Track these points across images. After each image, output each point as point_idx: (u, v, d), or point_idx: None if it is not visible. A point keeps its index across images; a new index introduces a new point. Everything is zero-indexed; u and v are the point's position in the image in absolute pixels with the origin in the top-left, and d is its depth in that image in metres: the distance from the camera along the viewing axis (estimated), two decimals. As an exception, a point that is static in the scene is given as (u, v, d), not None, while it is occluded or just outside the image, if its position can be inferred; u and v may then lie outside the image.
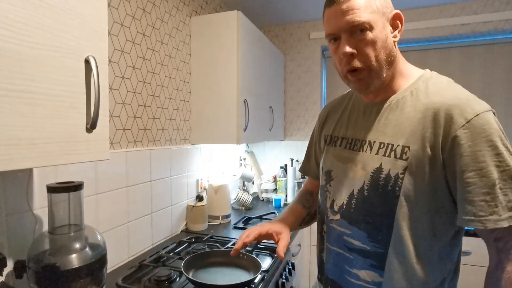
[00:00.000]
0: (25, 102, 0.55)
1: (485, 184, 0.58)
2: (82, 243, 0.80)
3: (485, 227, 0.58)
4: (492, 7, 2.07)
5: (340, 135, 0.82)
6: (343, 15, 0.65)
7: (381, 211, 0.68)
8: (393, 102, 0.71)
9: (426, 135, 0.64)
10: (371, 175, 0.70)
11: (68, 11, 0.64)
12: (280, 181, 2.40)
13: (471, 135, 0.59)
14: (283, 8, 2.27)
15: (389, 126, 0.70)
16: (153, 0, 1.41)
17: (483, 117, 0.60)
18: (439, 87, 0.68)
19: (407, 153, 0.65)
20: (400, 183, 0.65)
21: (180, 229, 1.65)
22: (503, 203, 0.57)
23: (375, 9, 0.65)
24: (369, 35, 0.65)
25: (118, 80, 1.22)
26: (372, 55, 0.66)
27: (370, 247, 0.70)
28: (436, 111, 0.64)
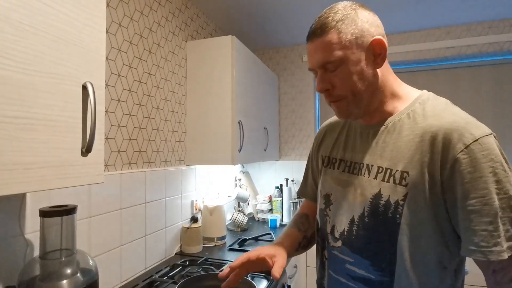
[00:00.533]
0: (21, 128, 0.56)
1: (487, 213, 0.55)
2: (74, 268, 0.79)
3: (488, 259, 0.54)
4: (475, 31, 2.17)
5: (338, 157, 0.79)
6: (316, 52, 0.66)
7: (383, 238, 0.65)
8: (390, 125, 0.69)
9: (424, 160, 0.61)
10: (370, 201, 0.67)
11: (66, 40, 0.66)
12: (275, 201, 2.39)
13: (471, 161, 0.56)
14: (276, 32, 2.35)
15: (387, 150, 0.67)
16: (150, 26, 1.47)
17: (482, 142, 0.57)
18: (437, 109, 0.65)
19: (407, 179, 0.62)
20: (401, 210, 0.62)
21: (174, 252, 1.62)
22: (502, 233, 0.54)
23: (347, 44, 0.64)
24: (342, 71, 0.65)
25: (114, 103, 1.24)
26: (348, 89, 0.66)
27: (375, 276, 0.66)
28: (434, 135, 0.61)
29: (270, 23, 2.18)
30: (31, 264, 0.77)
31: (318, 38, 0.65)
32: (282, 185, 2.46)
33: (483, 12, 2.03)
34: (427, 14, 2.04)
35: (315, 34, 0.66)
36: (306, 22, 2.16)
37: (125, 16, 1.30)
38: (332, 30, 0.64)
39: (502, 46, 2.12)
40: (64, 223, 0.78)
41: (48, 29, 0.62)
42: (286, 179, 2.45)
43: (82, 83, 0.69)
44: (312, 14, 2.03)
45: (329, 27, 0.64)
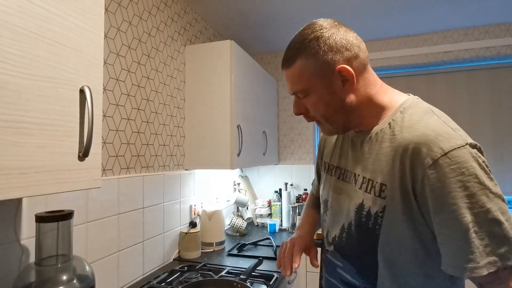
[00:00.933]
0: (17, 132, 0.56)
1: (457, 229, 0.53)
2: (70, 274, 0.78)
3: (462, 276, 0.54)
4: (472, 36, 2.19)
5: (335, 164, 0.81)
6: (287, 81, 0.71)
7: (365, 248, 0.66)
8: (373, 135, 0.69)
9: (396, 174, 0.61)
10: (355, 210, 0.68)
11: (64, 43, 0.66)
12: (275, 206, 2.38)
13: (438, 176, 0.55)
14: (274, 37, 2.36)
15: (369, 160, 0.68)
16: (148, 30, 1.47)
17: (452, 156, 0.54)
18: (413, 120, 0.63)
19: (385, 191, 0.62)
20: (380, 222, 0.63)
21: (173, 257, 1.61)
22: (480, 249, 0.52)
23: (311, 75, 0.66)
24: (310, 99, 0.69)
25: (112, 108, 1.24)
26: (318, 114, 0.70)
27: (360, 283, 0.68)
28: (405, 149, 0.60)
29: (269, 28, 2.19)
30: (27, 270, 0.76)
31: (287, 69, 0.70)
32: (281, 190, 2.45)
33: (481, 17, 2.05)
34: (425, 18, 2.06)
35: (284, 66, 0.71)
36: (304, 27, 2.17)
37: (123, 21, 1.30)
38: (298, 62, 0.67)
39: (499, 50, 2.13)
40: (60, 229, 0.77)
41: (45, 32, 0.62)
42: (285, 183, 2.44)
43: (80, 87, 0.69)
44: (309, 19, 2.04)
45: (296, 59, 0.67)
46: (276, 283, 1.30)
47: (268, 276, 1.33)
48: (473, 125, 2.25)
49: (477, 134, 2.23)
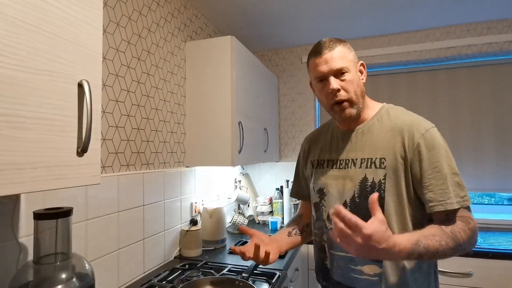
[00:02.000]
0: (13, 126, 0.54)
1: (440, 177, 0.80)
2: (69, 273, 0.76)
3: (445, 208, 0.78)
4: (475, 31, 2.17)
5: (326, 158, 1.00)
6: (329, 62, 0.87)
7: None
8: (364, 128, 0.93)
9: (396, 147, 0.86)
10: (359, 184, 0.88)
11: (62, 36, 0.64)
12: (276, 203, 2.37)
13: (426, 143, 0.83)
14: (275, 34, 2.34)
15: (365, 146, 0.91)
16: (148, 26, 1.45)
17: (431, 131, 0.84)
18: (398, 114, 0.92)
19: (384, 163, 0.86)
20: (384, 187, 0.85)
21: (174, 255, 1.59)
22: (452, 192, 0.79)
23: (350, 59, 0.89)
24: (348, 76, 0.88)
25: (112, 104, 1.22)
26: (352, 90, 0.88)
27: None
28: (401, 129, 0.87)
29: (269, 25, 2.16)
30: (24, 269, 0.74)
31: (331, 51, 0.88)
32: (283, 187, 2.43)
33: (483, 13, 2.02)
34: (428, 14, 2.04)
35: (327, 49, 0.88)
36: (305, 24, 2.14)
37: (123, 16, 1.28)
38: (341, 46, 0.89)
39: (502, 46, 2.11)
40: (59, 226, 0.76)
41: (43, 25, 0.60)
42: (286, 180, 2.43)
43: (78, 81, 0.67)
44: (310, 16, 2.02)
45: (338, 45, 0.89)
46: (278, 281, 1.29)
47: (270, 275, 1.32)
48: (475, 121, 2.23)
49: (479, 129, 2.21)
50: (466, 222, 0.78)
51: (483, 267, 1.62)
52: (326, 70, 0.87)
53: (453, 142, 2.27)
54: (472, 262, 1.63)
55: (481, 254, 1.63)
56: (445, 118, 2.30)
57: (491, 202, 2.44)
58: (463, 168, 2.24)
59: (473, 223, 0.79)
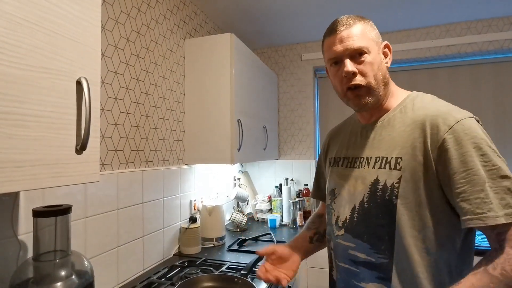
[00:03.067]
0: (12, 124, 0.54)
1: (477, 183, 0.61)
2: (68, 270, 0.76)
3: (485, 224, 0.59)
4: (475, 29, 2.16)
5: (342, 156, 0.87)
6: (345, 41, 0.74)
7: (381, 221, 0.71)
8: (385, 121, 0.78)
9: (416, 144, 0.69)
10: (369, 187, 0.74)
11: (61, 33, 0.64)
12: (275, 201, 2.37)
13: (455, 139, 0.64)
14: (274, 32, 2.33)
15: (383, 142, 0.76)
16: (147, 23, 1.44)
17: (464, 123, 0.65)
18: (424, 103, 0.75)
19: (400, 163, 0.70)
20: (396, 192, 0.69)
21: (173, 253, 1.60)
22: (496, 201, 0.59)
23: (371, 38, 0.75)
24: (367, 58, 0.74)
25: (111, 101, 1.22)
26: (371, 74, 0.74)
27: (375, 258, 0.72)
28: (423, 122, 0.70)
29: (269, 22, 2.16)
30: (24, 266, 0.75)
31: (351, 27, 0.74)
32: (282, 185, 2.44)
33: (483, 10, 2.02)
34: (428, 12, 2.03)
35: (344, 26, 0.75)
36: (304, 21, 2.14)
37: (121, 13, 1.28)
38: (361, 23, 0.76)
39: (502, 44, 2.11)
40: (58, 224, 0.76)
41: (42, 22, 0.60)
42: (285, 178, 2.43)
43: (77, 79, 0.67)
44: (311, 13, 2.01)
45: (358, 22, 0.76)
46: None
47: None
48: (475, 120, 2.23)
49: (479, 129, 2.22)
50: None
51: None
52: (341, 50, 0.74)
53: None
54: (470, 259, 1.63)
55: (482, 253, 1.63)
56: (444, 116, 2.30)
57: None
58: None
59: None
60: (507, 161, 0.64)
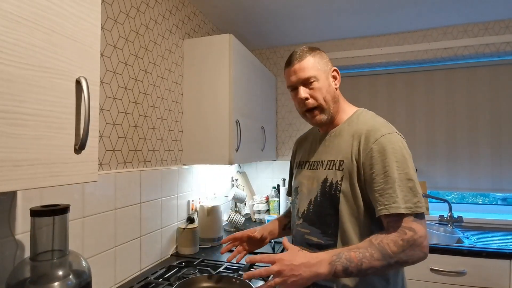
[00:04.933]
0: (11, 123, 0.54)
1: (388, 182, 0.80)
2: (66, 270, 0.76)
3: (389, 211, 0.78)
4: (472, 32, 2.18)
5: (305, 160, 1.06)
6: (297, 72, 0.94)
7: (329, 211, 0.90)
8: (336, 131, 0.98)
9: (353, 151, 0.89)
10: (321, 185, 0.94)
11: (60, 32, 0.64)
12: (272, 202, 2.37)
13: (379, 148, 0.83)
14: (273, 32, 2.34)
15: (333, 148, 0.96)
16: (146, 23, 1.44)
17: (387, 137, 0.84)
18: (366, 118, 0.94)
19: (343, 165, 0.90)
20: (340, 187, 0.89)
21: (170, 253, 1.60)
22: (400, 197, 0.78)
23: (319, 68, 0.94)
24: (316, 84, 0.93)
25: (109, 101, 1.22)
26: (320, 97, 0.93)
27: (324, 241, 0.91)
28: (360, 133, 0.89)
29: (268, 23, 2.16)
30: (21, 266, 0.74)
31: (300, 62, 0.94)
32: (279, 185, 2.44)
33: (480, 13, 2.04)
34: (424, 14, 2.05)
35: (297, 60, 0.94)
36: (303, 22, 2.15)
37: (121, 12, 1.28)
38: (308, 57, 0.94)
39: (499, 47, 2.13)
40: (56, 223, 0.75)
41: (41, 21, 0.60)
42: (283, 179, 2.43)
43: (76, 78, 0.67)
44: (309, 15, 2.02)
45: (306, 56, 0.94)
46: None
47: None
48: (471, 121, 2.25)
49: (475, 130, 2.24)
50: (401, 233, 0.76)
51: (477, 266, 1.64)
52: (295, 80, 0.94)
53: (449, 142, 2.29)
54: (465, 261, 1.65)
55: (475, 253, 1.65)
56: (441, 118, 2.31)
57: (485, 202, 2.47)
58: (458, 168, 2.26)
59: (411, 234, 0.75)
60: (504, 162, 0.66)
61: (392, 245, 0.75)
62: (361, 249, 0.76)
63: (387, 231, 0.79)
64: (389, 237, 0.76)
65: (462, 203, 2.39)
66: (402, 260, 0.75)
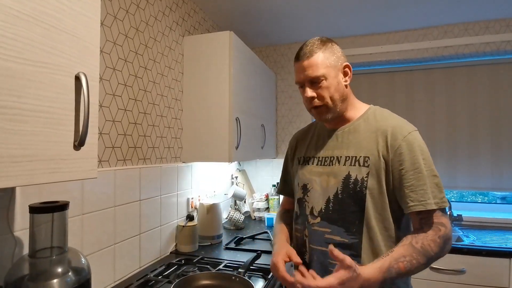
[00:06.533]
0: (10, 119, 0.53)
1: (421, 178, 0.82)
2: (65, 267, 0.76)
3: (425, 208, 0.80)
4: (472, 31, 2.17)
5: (312, 155, 1.01)
6: (305, 70, 0.91)
7: (353, 209, 0.88)
8: (351, 127, 0.95)
9: (379, 147, 0.88)
10: (342, 181, 0.90)
11: (59, 28, 0.63)
12: (272, 200, 2.37)
13: (407, 145, 0.85)
14: (274, 30, 2.33)
15: (350, 144, 0.93)
16: (146, 19, 1.43)
17: (413, 134, 0.87)
18: (384, 116, 0.94)
19: (368, 161, 0.88)
20: (366, 184, 0.87)
21: (170, 251, 1.60)
22: (430, 193, 0.81)
23: (329, 65, 0.90)
24: (324, 83, 0.90)
25: (109, 98, 1.21)
26: (327, 96, 0.91)
27: (348, 239, 0.88)
28: (384, 130, 0.89)
29: (268, 21, 2.15)
30: (20, 263, 0.74)
31: (308, 59, 0.90)
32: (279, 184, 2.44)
33: (481, 12, 2.03)
34: (425, 13, 2.04)
35: (306, 56, 0.91)
36: (303, 20, 2.14)
37: (120, 9, 1.27)
38: (318, 53, 0.90)
39: (499, 46, 2.12)
40: (55, 220, 0.75)
41: (40, 16, 0.59)
42: (283, 177, 2.43)
43: (75, 74, 0.66)
44: (309, 13, 2.01)
45: (316, 52, 0.91)
46: (274, 276, 1.29)
47: (266, 270, 1.33)
48: (471, 120, 2.24)
49: (475, 128, 2.23)
50: (436, 230, 0.80)
51: (476, 265, 1.64)
52: (302, 78, 0.92)
53: (448, 141, 2.29)
54: (465, 259, 1.65)
55: (474, 252, 1.65)
56: (441, 116, 2.31)
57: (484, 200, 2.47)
58: (458, 167, 2.26)
59: (444, 229, 0.80)
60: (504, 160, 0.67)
61: (433, 245, 0.78)
62: (407, 257, 0.76)
63: (421, 229, 0.81)
64: (428, 237, 0.79)
65: (461, 201, 2.39)
66: (440, 257, 0.80)
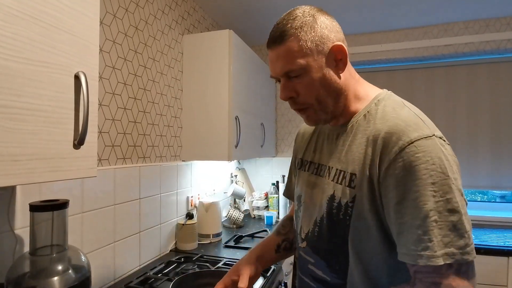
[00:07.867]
0: (9, 118, 0.53)
1: (417, 217, 0.52)
2: (65, 265, 0.76)
3: (416, 263, 0.51)
4: (472, 29, 2.17)
5: (309, 159, 0.79)
6: (278, 60, 0.64)
7: (335, 240, 0.65)
8: (349, 127, 0.68)
9: (367, 162, 0.61)
10: (327, 202, 0.67)
11: (59, 27, 0.63)
12: (272, 198, 2.38)
13: (404, 164, 0.55)
14: (274, 28, 2.32)
15: (343, 152, 0.67)
16: (145, 18, 1.43)
17: (418, 145, 0.55)
18: (386, 111, 0.63)
19: (355, 181, 0.62)
20: (350, 212, 0.62)
21: (169, 249, 1.60)
22: (438, 238, 0.50)
23: (308, 52, 0.62)
24: (305, 79, 0.64)
25: (109, 96, 1.21)
26: (312, 95, 0.65)
27: (330, 278, 0.67)
28: (376, 138, 0.60)
29: (267, 19, 2.15)
30: (21, 260, 0.74)
31: (279, 46, 0.63)
32: (279, 182, 2.44)
33: (481, 10, 2.03)
34: (425, 11, 2.04)
35: (275, 42, 0.64)
36: (304, 17, 2.13)
37: (120, 7, 1.27)
38: (291, 37, 0.62)
39: (499, 44, 2.12)
40: (55, 218, 0.76)
41: (39, 15, 0.59)
42: (282, 175, 2.44)
43: (75, 73, 0.66)
44: (311, 9, 2.00)
45: (289, 34, 0.62)
46: (273, 275, 1.30)
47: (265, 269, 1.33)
48: (471, 118, 2.25)
49: (475, 127, 2.24)
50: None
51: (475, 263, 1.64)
52: (274, 73, 0.67)
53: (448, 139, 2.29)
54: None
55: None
56: (441, 115, 2.31)
57: (483, 199, 2.47)
58: (458, 165, 2.26)
59: None
60: (503, 159, 0.60)
61: None
62: None
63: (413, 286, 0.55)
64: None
65: (460, 200, 2.39)
66: None
